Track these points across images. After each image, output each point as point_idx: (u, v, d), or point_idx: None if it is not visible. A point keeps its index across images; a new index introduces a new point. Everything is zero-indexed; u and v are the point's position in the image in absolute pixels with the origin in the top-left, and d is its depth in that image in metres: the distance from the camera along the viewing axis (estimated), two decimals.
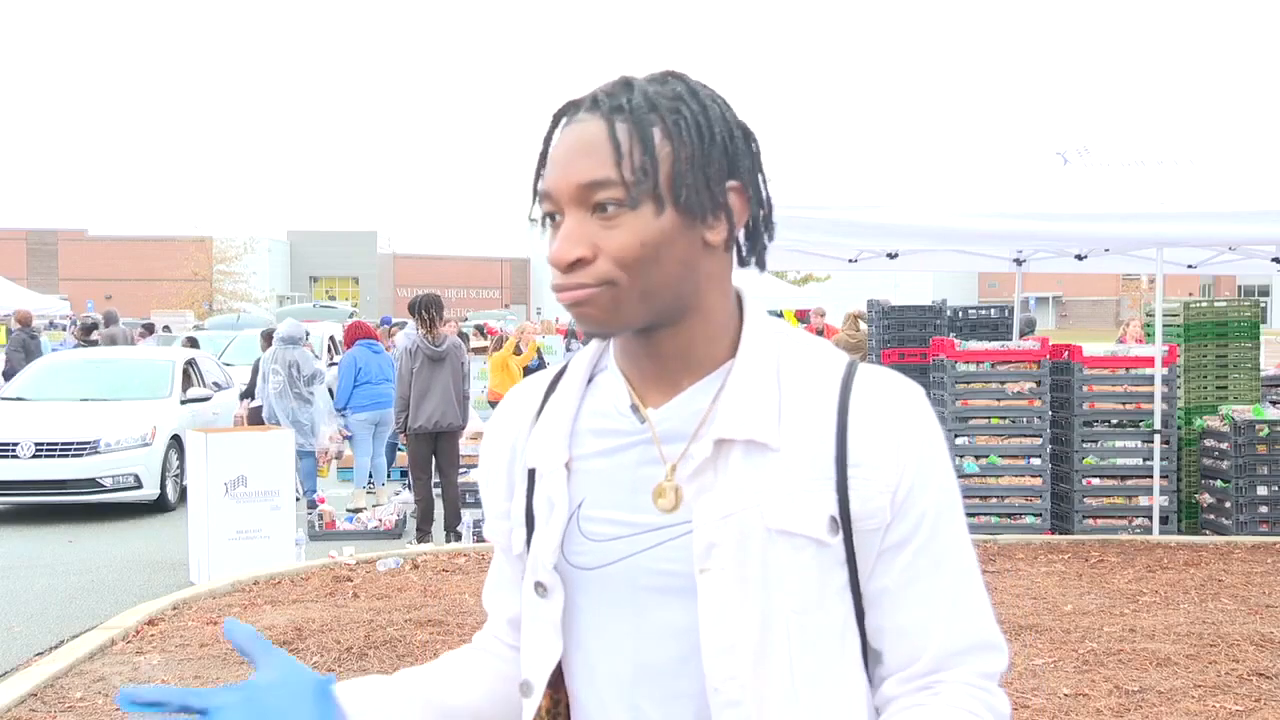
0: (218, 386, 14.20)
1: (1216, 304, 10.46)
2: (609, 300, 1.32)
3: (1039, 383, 9.29)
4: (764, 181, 1.41)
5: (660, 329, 1.36)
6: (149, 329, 25.05)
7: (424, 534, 9.91)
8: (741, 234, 1.40)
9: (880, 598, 1.36)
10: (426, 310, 9.89)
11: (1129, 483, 9.24)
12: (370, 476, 12.17)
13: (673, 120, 1.33)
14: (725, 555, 1.32)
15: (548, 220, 1.37)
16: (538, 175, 1.38)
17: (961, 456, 9.16)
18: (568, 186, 1.32)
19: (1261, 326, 10.76)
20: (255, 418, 12.62)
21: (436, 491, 10.25)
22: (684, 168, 1.32)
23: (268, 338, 13.82)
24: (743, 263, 1.43)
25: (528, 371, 14.62)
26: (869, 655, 1.39)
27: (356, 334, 12.20)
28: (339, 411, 11.96)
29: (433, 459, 10.08)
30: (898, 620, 1.36)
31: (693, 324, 1.37)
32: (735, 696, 1.32)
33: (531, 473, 1.45)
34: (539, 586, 1.41)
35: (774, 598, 1.33)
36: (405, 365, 9.92)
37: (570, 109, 1.37)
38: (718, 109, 1.36)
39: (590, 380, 1.46)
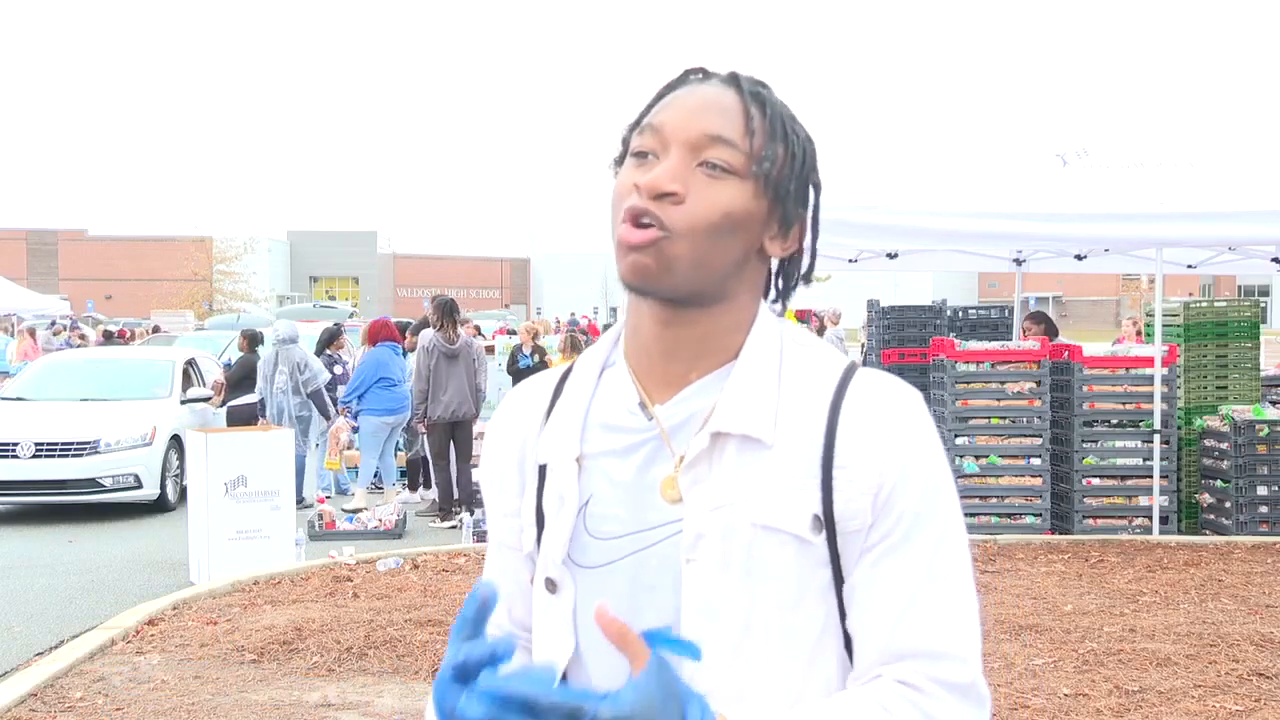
0: None
1: (1216, 304, 10.46)
2: (668, 253, 1.34)
3: (1039, 383, 9.28)
4: (816, 235, 1.47)
5: (688, 309, 1.38)
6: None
7: (445, 513, 10.99)
8: (778, 264, 1.46)
9: (850, 595, 1.36)
10: (452, 314, 11.06)
11: (1129, 483, 9.24)
12: (377, 476, 12.19)
13: (792, 132, 1.41)
14: (710, 547, 1.33)
15: (631, 158, 1.39)
16: (647, 110, 1.41)
17: (961, 456, 9.17)
18: (691, 131, 1.36)
19: (1261, 326, 10.76)
20: (239, 416, 12.58)
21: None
22: (790, 174, 1.39)
23: (248, 338, 13.81)
24: (767, 294, 1.47)
25: (522, 372, 14.64)
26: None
27: (383, 333, 12.21)
28: (345, 405, 12.01)
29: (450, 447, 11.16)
30: (863, 617, 1.35)
31: (719, 314, 1.40)
32: (709, 687, 1.32)
33: (542, 469, 1.45)
34: (549, 583, 1.42)
35: (756, 592, 1.34)
36: (423, 361, 10.88)
37: (703, 73, 1.43)
38: (814, 149, 1.44)
39: (600, 377, 1.47)
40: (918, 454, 1.36)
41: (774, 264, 1.46)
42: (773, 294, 1.47)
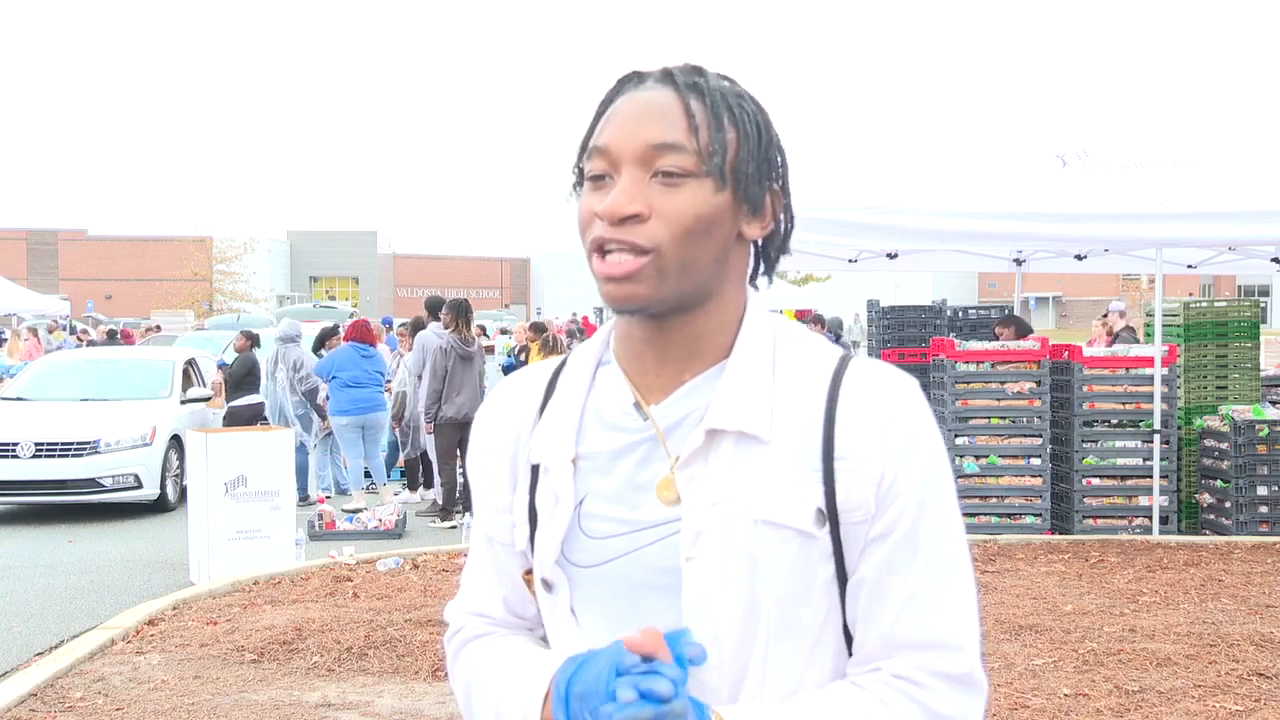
0: None
1: (1216, 304, 10.46)
2: (653, 273, 1.33)
3: (1039, 383, 9.29)
4: (790, 199, 1.46)
5: (678, 313, 1.37)
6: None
7: (446, 513, 10.99)
8: (761, 240, 1.45)
9: (858, 589, 1.36)
10: (465, 315, 11.11)
11: (1129, 483, 9.24)
12: (369, 476, 12.19)
13: (738, 111, 1.38)
14: (711, 544, 1.33)
15: (588, 182, 1.38)
16: (591, 132, 1.39)
17: (961, 456, 9.17)
18: (636, 145, 1.34)
19: (1261, 326, 10.77)
20: (240, 417, 12.60)
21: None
22: (746, 156, 1.37)
23: (248, 337, 13.88)
24: (753, 277, 1.46)
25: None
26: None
27: (351, 332, 12.23)
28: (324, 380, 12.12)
29: (458, 447, 11.17)
30: (868, 609, 1.35)
31: (708, 311, 1.39)
32: (713, 685, 1.33)
33: (535, 468, 1.44)
34: (545, 584, 1.42)
35: (758, 588, 1.33)
36: (440, 362, 10.85)
37: (637, 78, 1.40)
38: (766, 118, 1.42)
39: (595, 374, 1.46)
40: (918, 442, 1.35)
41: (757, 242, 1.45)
42: (761, 268, 1.47)
